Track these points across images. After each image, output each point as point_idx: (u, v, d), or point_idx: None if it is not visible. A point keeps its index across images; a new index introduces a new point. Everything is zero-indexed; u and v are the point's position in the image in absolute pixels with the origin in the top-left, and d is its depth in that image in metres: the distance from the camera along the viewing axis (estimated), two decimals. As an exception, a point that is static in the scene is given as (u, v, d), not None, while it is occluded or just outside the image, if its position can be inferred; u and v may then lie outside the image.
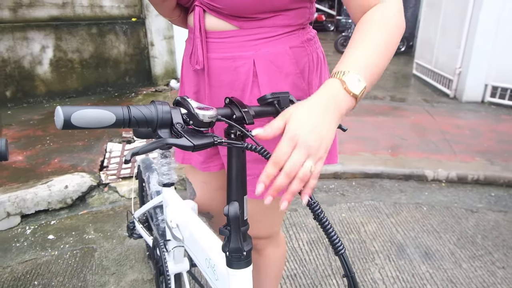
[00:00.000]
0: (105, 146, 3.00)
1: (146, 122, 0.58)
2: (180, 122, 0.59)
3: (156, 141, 0.56)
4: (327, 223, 0.60)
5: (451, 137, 3.28)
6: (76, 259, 1.90)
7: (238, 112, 0.67)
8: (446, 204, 2.38)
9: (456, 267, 1.81)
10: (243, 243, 0.71)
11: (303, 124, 0.57)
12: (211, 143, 0.60)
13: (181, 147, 0.58)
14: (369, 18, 0.69)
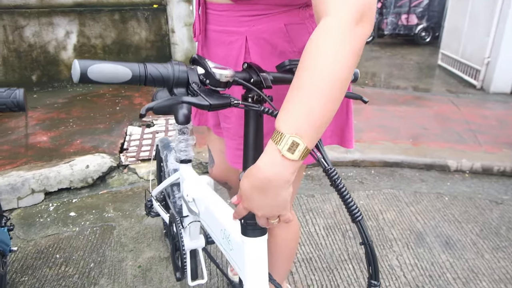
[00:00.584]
0: (125, 129, 3.05)
1: (163, 80, 0.58)
2: (196, 82, 0.59)
3: (172, 97, 0.56)
4: (344, 189, 0.59)
5: (476, 127, 3.16)
6: (96, 235, 1.94)
7: (256, 76, 0.66)
8: (469, 195, 2.31)
9: (478, 257, 1.75)
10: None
11: (249, 202, 0.61)
12: (227, 104, 0.60)
13: (197, 106, 0.57)
14: (309, 43, 0.55)
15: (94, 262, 1.75)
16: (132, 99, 3.86)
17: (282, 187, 0.56)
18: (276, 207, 0.59)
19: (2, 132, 3.02)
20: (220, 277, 1.63)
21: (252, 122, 0.67)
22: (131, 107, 3.60)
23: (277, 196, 0.57)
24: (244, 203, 0.62)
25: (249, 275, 0.74)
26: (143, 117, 0.53)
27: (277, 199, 0.58)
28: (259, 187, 0.57)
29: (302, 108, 0.53)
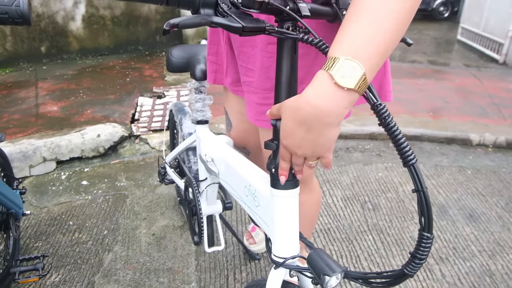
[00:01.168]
0: (136, 100, 2.99)
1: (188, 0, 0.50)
2: (226, 2, 0.51)
3: (199, 15, 0.48)
4: (396, 129, 0.51)
5: (500, 101, 3.03)
6: (109, 203, 1.91)
7: (292, 3, 0.57)
8: (493, 169, 2.21)
9: (504, 230, 1.68)
10: (292, 160, 0.63)
11: (289, 139, 0.54)
12: (262, 28, 0.52)
13: (228, 28, 0.49)
14: None
15: (108, 230, 1.72)
16: (142, 71, 3.78)
17: (332, 123, 0.49)
18: (321, 146, 0.52)
19: (12, 102, 2.98)
20: (236, 246, 1.59)
21: (286, 56, 0.59)
22: (142, 78, 3.53)
23: (323, 134, 0.50)
24: (284, 140, 0.54)
25: (279, 232, 0.68)
26: (167, 33, 0.45)
27: (323, 137, 0.50)
28: (304, 122, 0.49)
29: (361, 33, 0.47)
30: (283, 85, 0.61)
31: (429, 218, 0.51)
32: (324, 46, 0.53)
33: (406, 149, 0.51)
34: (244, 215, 1.79)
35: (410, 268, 0.54)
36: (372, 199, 1.90)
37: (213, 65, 1.05)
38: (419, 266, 0.54)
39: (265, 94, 0.85)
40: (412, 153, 0.51)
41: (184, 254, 1.56)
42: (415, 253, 0.53)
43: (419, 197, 0.51)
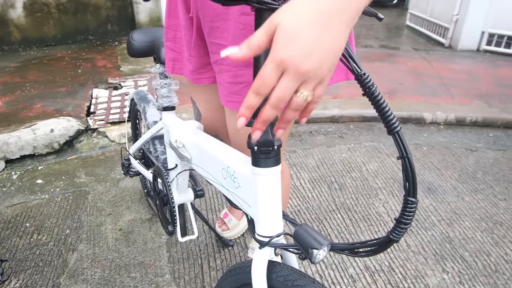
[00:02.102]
0: (91, 92, 2.83)
1: None
2: None
3: None
4: (380, 97, 0.51)
5: (449, 81, 3.22)
6: (69, 201, 1.81)
7: None
8: (446, 144, 2.36)
9: (459, 200, 1.80)
10: (273, 135, 0.62)
11: (295, 44, 0.40)
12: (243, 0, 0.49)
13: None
14: None
15: (70, 228, 1.62)
16: (94, 61, 3.58)
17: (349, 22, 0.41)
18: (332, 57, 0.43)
19: None
20: (208, 234, 1.57)
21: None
22: (95, 69, 3.34)
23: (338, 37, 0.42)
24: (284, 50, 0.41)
25: (262, 210, 0.67)
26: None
27: (336, 43, 0.42)
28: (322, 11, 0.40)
29: None
30: (262, 59, 0.59)
31: (413, 184, 0.53)
32: None
33: (390, 118, 0.51)
34: (213, 203, 1.77)
35: (395, 233, 0.55)
36: (338, 179, 1.96)
37: (171, 52, 0.99)
38: (404, 230, 0.55)
39: (237, 72, 0.81)
40: (396, 121, 0.52)
41: (155, 247, 1.51)
42: (400, 218, 0.55)
43: (404, 163, 0.52)
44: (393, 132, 0.51)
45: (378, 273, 1.38)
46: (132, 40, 1.17)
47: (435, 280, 1.36)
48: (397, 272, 1.39)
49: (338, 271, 1.39)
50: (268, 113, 0.45)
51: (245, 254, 1.46)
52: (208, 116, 1.11)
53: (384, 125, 0.52)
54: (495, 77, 3.34)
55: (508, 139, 2.46)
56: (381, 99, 0.51)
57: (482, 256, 1.47)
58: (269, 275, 0.68)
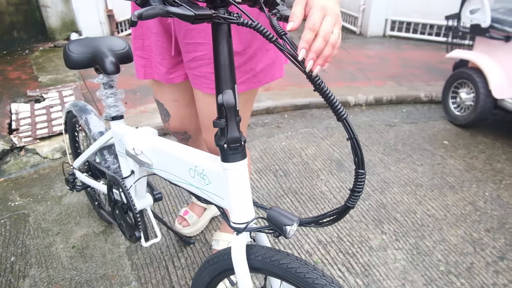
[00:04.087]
0: (9, 108, 2.59)
1: None
2: None
3: (156, 6, 0.50)
4: (328, 91, 0.62)
5: (364, 66, 3.57)
6: (7, 227, 1.68)
7: None
8: (369, 123, 2.64)
9: (386, 170, 2.06)
10: (241, 134, 0.70)
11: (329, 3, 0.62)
12: (209, 15, 0.56)
13: (182, 16, 0.52)
14: None
15: (15, 255, 1.52)
16: (6, 73, 3.26)
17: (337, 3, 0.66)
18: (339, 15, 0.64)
19: None
20: (168, 236, 1.59)
21: (223, 42, 0.65)
22: (8, 82, 3.05)
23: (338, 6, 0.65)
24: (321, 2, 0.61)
25: (236, 201, 0.75)
26: (134, 25, 0.47)
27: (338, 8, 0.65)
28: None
29: None
30: (222, 67, 0.66)
31: (361, 159, 0.64)
32: (264, 30, 0.60)
33: (339, 107, 0.62)
34: (166, 205, 1.79)
35: (351, 201, 0.67)
36: (282, 167, 2.10)
37: (141, 59, 1.10)
38: (357, 198, 0.67)
39: None
40: (343, 110, 0.63)
41: (115, 257, 1.50)
42: (353, 188, 0.66)
43: (352, 143, 0.64)
44: (342, 118, 0.62)
45: (329, 245, 1.54)
46: (70, 52, 1.14)
47: (377, 242, 1.56)
48: (345, 240, 1.56)
49: (295, 249, 1.52)
50: (319, 43, 0.60)
51: (208, 249, 1.52)
52: (176, 114, 1.22)
53: (334, 113, 0.62)
54: (401, 59, 3.79)
55: (418, 112, 2.83)
56: (329, 93, 0.61)
57: (410, 215, 1.71)
58: (248, 257, 0.76)
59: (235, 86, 0.69)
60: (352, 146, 0.64)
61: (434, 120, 2.68)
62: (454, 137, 2.43)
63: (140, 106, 2.69)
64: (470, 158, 2.17)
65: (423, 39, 4.50)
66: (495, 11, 2.32)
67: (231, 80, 0.68)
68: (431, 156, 2.20)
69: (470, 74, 2.42)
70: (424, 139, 2.40)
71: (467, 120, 2.47)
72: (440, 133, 2.48)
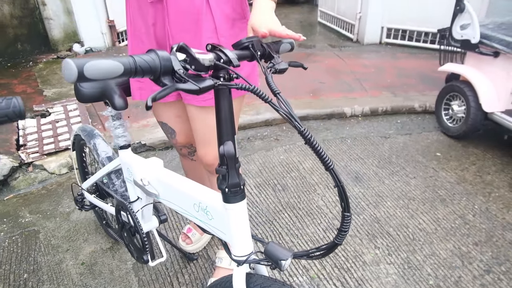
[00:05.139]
0: (16, 124, 2.68)
1: (150, 70, 0.59)
2: (181, 68, 0.62)
3: (168, 87, 0.58)
4: (317, 144, 0.70)
5: (360, 76, 3.65)
6: (18, 244, 1.77)
7: (224, 56, 0.70)
8: (365, 135, 2.73)
9: (380, 184, 2.14)
10: (240, 178, 0.78)
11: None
12: (212, 86, 0.64)
13: (188, 91, 0.61)
14: None
15: (27, 272, 1.61)
16: (11, 87, 3.35)
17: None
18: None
19: None
20: (172, 252, 1.68)
21: (225, 99, 0.73)
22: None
23: None
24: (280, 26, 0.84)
25: (236, 237, 0.83)
26: (149, 108, 0.55)
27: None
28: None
29: None
30: (223, 121, 0.75)
31: (347, 202, 0.73)
32: (260, 92, 0.68)
33: (326, 158, 0.70)
34: (170, 222, 1.87)
35: (338, 239, 0.76)
36: (280, 181, 2.18)
37: (136, 82, 1.19)
38: (344, 236, 0.75)
39: None
40: (330, 161, 0.71)
41: (122, 274, 1.58)
42: (340, 228, 0.75)
43: (339, 190, 0.72)
44: (329, 169, 0.70)
45: (325, 260, 1.63)
46: (81, 87, 1.22)
47: (370, 256, 1.65)
48: (340, 255, 1.65)
49: (293, 265, 1.60)
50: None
51: (210, 265, 1.60)
52: (182, 129, 1.33)
53: (322, 163, 0.70)
54: (397, 69, 3.87)
55: (412, 123, 2.92)
56: (317, 145, 0.69)
57: (402, 229, 1.80)
58: (248, 285, 0.84)
59: (235, 137, 0.77)
60: (339, 193, 0.72)
61: (427, 131, 2.77)
62: (447, 148, 2.52)
63: (142, 120, 2.78)
64: (461, 170, 2.26)
65: (418, 47, 4.59)
66: (484, 27, 2.41)
67: (231, 133, 0.76)
68: (424, 168, 2.29)
69: (461, 87, 2.51)
70: (418, 151, 2.49)
71: (459, 131, 2.56)
72: (433, 145, 2.56)
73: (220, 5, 1.06)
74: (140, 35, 1.15)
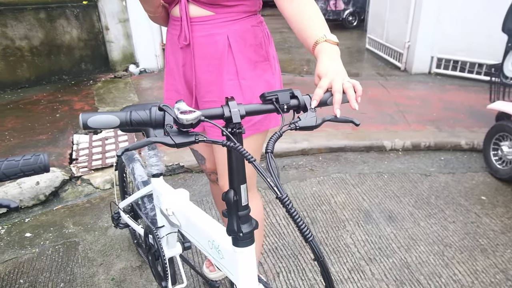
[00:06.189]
0: (71, 138, 2.93)
1: (144, 124, 0.67)
2: (170, 124, 0.67)
3: (145, 140, 0.64)
4: (295, 214, 0.67)
5: (404, 108, 3.55)
6: (60, 253, 1.91)
7: (228, 112, 0.74)
8: (404, 171, 2.63)
9: (415, 225, 2.05)
10: (240, 226, 0.81)
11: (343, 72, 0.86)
12: (192, 142, 0.69)
13: (166, 145, 0.66)
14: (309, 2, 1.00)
15: (64, 282, 1.74)
16: (71, 104, 3.68)
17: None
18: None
19: None
20: (196, 277, 1.72)
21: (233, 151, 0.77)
22: (73, 113, 3.44)
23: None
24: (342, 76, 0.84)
25: (242, 280, 0.86)
26: (120, 157, 0.61)
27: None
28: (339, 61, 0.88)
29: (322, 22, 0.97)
30: (233, 170, 0.79)
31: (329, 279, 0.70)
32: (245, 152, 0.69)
33: (305, 229, 0.66)
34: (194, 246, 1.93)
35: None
36: (310, 213, 2.17)
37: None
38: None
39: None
40: (309, 232, 0.66)
41: (147, 293, 1.65)
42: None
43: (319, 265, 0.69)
44: (308, 241, 0.67)
45: (347, 302, 1.58)
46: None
47: (395, 304, 1.57)
48: (363, 299, 1.60)
49: (312, 303, 1.58)
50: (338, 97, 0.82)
51: (230, 295, 1.63)
52: (210, 157, 1.42)
53: (301, 235, 0.68)
54: (444, 102, 3.71)
55: (457, 161, 2.77)
56: (296, 215, 0.66)
57: (434, 278, 1.70)
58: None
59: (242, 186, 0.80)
60: (320, 268, 0.69)
61: (473, 171, 2.61)
62: (493, 192, 2.35)
63: (183, 142, 2.91)
64: (508, 218, 2.10)
65: (470, 78, 4.37)
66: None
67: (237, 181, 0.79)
68: (465, 212, 2.15)
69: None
70: (460, 192, 2.35)
71: (509, 174, 2.38)
72: (478, 187, 2.41)
73: (242, 49, 1.12)
74: (173, 73, 1.25)
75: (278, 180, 0.66)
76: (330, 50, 0.88)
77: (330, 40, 0.89)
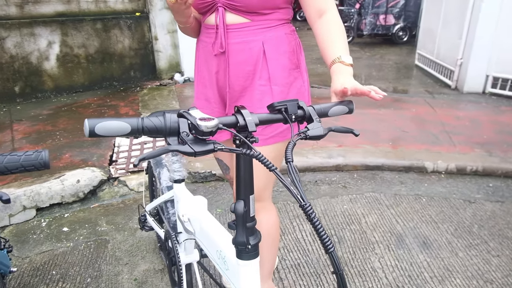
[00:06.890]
0: (113, 141, 3.09)
1: (157, 131, 0.66)
2: (185, 131, 0.67)
3: (162, 148, 0.64)
4: (318, 223, 0.66)
5: (451, 128, 3.34)
6: (91, 250, 2.00)
7: (242, 120, 0.74)
8: (445, 195, 2.46)
9: (452, 255, 1.89)
10: (248, 238, 0.79)
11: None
12: (211, 150, 0.68)
13: (184, 153, 0.66)
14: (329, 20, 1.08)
15: (91, 277, 1.81)
16: (118, 108, 3.89)
17: None
18: None
19: (-12, 147, 3.01)
20: (214, 287, 1.72)
21: (242, 161, 0.76)
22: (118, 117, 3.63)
23: None
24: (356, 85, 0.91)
25: (245, 293, 0.84)
26: (136, 166, 0.61)
27: None
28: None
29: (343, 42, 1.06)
30: (241, 180, 0.78)
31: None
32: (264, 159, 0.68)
33: (326, 240, 0.65)
34: (221, 254, 1.92)
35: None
36: (338, 232, 2.08)
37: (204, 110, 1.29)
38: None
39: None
40: (330, 242, 0.65)
41: (166, 298, 1.67)
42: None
43: (337, 278, 0.66)
44: (328, 252, 0.65)
45: (368, 330, 1.48)
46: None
47: None
48: (386, 329, 1.49)
49: (331, 327, 1.50)
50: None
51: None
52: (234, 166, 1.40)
53: (322, 245, 0.66)
54: (498, 124, 3.44)
55: (508, 189, 2.53)
56: (319, 225, 0.65)
57: (469, 315, 1.55)
58: None
59: (251, 197, 0.79)
60: (337, 281, 0.67)
61: (526, 202, 2.37)
62: (549, 226, 2.12)
63: (217, 151, 2.95)
64: None
65: (532, 100, 4.02)
66: None
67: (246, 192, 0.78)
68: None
69: None
70: (509, 224, 2.14)
71: None
72: (530, 219, 2.18)
73: (276, 56, 1.15)
74: (204, 81, 1.27)
75: (301, 188, 0.65)
76: (343, 70, 0.98)
77: (344, 62, 0.99)
